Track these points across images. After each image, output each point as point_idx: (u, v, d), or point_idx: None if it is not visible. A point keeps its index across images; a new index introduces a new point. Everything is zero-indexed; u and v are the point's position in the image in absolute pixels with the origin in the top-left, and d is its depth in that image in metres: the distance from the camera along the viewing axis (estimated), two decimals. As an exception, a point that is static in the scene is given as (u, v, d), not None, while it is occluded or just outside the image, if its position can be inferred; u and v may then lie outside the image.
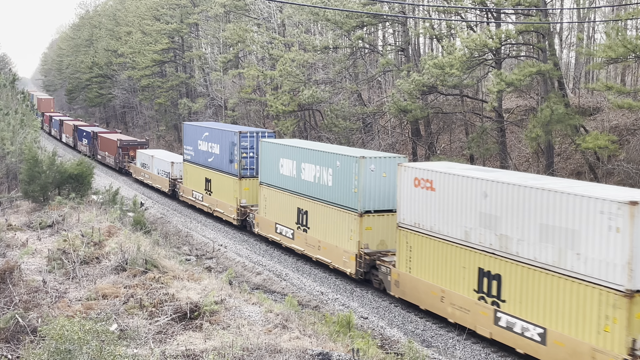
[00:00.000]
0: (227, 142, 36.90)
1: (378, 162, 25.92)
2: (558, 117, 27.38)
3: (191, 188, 42.79)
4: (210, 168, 39.38)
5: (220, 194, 38.54)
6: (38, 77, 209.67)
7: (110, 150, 62.71)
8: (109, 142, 63.53)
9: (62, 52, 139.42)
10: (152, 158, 51.04)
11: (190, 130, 43.18)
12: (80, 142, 76.93)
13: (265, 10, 55.70)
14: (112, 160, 62.40)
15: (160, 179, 49.36)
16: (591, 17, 41.62)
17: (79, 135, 77.37)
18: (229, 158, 36.77)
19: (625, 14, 30.26)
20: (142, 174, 53.61)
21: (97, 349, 13.29)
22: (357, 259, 26.31)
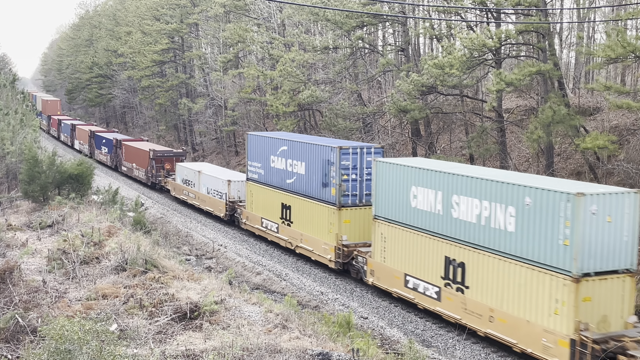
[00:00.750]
0: (320, 159, 29.01)
1: (601, 200, 17.77)
2: (560, 118, 27.36)
3: (259, 215, 34.64)
4: (290, 192, 31.58)
5: (306, 226, 30.52)
6: (38, 77, 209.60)
7: (140, 161, 54.47)
8: (139, 152, 55.06)
9: (62, 52, 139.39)
10: (200, 174, 42.57)
11: (258, 142, 35.04)
12: (98, 151, 68.77)
13: (265, 10, 55.69)
14: (143, 174, 54.08)
15: (213, 200, 40.73)
16: (591, 17, 41.61)
17: (97, 143, 69.24)
18: (321, 181, 28.97)
19: (625, 14, 30.24)
20: (185, 192, 45.21)
21: (97, 349, 13.30)
22: (572, 348, 17.64)
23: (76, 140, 79.03)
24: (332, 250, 28.36)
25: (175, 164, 49.04)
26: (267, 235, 34.18)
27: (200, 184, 42.63)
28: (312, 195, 29.75)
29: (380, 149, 29.03)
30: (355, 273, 27.75)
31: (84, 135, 74.50)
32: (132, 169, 57.17)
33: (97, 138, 69.08)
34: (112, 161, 63.25)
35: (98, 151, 68.82)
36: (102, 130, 74.24)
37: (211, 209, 41.08)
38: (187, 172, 45.18)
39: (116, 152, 61.96)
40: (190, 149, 72.19)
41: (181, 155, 52.36)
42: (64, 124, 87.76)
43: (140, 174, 55.05)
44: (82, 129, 76.79)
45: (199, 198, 42.80)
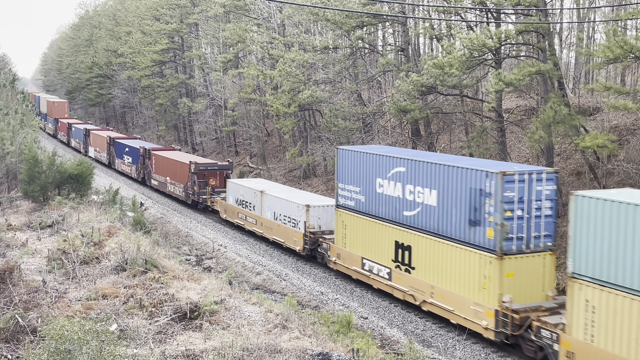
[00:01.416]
0: (464, 187, 21.52)
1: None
2: (561, 118, 27.37)
3: (358, 253, 27.06)
4: (411, 227, 24.08)
5: (439, 275, 22.86)
6: (38, 77, 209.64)
7: (177, 175, 47.06)
8: (175, 164, 47.40)
9: (62, 52, 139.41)
10: (263, 196, 34.92)
11: (356, 160, 27.23)
12: (119, 160, 60.98)
13: (265, 10, 55.69)
14: (180, 190, 46.23)
15: (283, 229, 32.99)
16: (591, 17, 41.62)
17: (119, 151, 61.15)
18: (467, 216, 21.48)
19: (625, 14, 30.25)
20: (242, 216, 37.47)
21: (97, 349, 13.30)
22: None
23: (91, 147, 71.10)
24: (489, 315, 20.61)
25: (226, 180, 42.20)
26: (371, 281, 26.48)
27: (263, 206, 35.06)
28: (450, 234, 22.22)
29: (555, 173, 21.30)
30: (535, 352, 19.61)
31: (101, 142, 66.74)
32: (166, 184, 49.22)
33: (119, 146, 61.21)
34: (138, 173, 55.51)
35: (119, 161, 61.10)
36: (123, 137, 66.51)
37: (281, 239, 33.30)
38: (243, 191, 37.35)
39: (144, 162, 54.08)
40: (190, 149, 72.18)
41: (227, 169, 44.72)
42: (75, 129, 79.11)
43: (176, 190, 47.09)
44: (98, 134, 68.86)
45: (263, 225, 35.06)
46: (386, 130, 43.32)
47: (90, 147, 71.10)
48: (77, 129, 77.58)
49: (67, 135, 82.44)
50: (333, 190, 45.57)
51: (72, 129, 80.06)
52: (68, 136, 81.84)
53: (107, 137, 64.44)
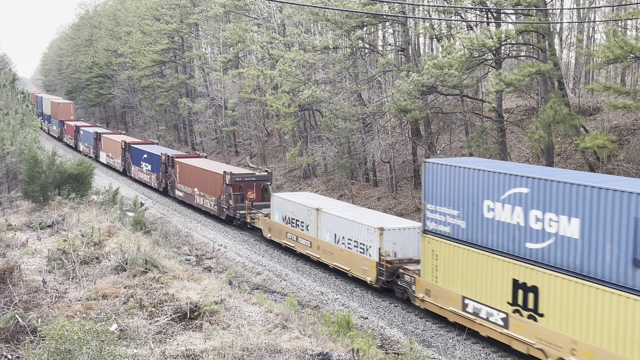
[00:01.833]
0: (623, 216, 16.92)
1: None
2: (561, 118, 27.38)
3: (459, 292, 22.14)
4: (537, 263, 19.25)
5: (579, 327, 18.00)
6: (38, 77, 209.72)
7: (207, 187, 41.94)
8: (206, 175, 42.26)
9: (62, 52, 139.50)
10: (320, 214, 30.08)
11: (451, 175, 22.44)
12: (137, 168, 55.98)
13: (265, 10, 55.70)
14: (212, 204, 41.15)
15: (349, 255, 27.96)
16: (591, 17, 41.63)
17: (135, 158, 56.10)
18: (629, 254, 16.81)
19: (625, 14, 30.26)
20: (292, 236, 32.55)
21: (97, 349, 13.29)
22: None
23: (102, 152, 66.21)
24: None
25: (263, 192, 38.85)
26: (477, 327, 21.46)
27: (320, 227, 30.17)
28: (601, 275, 17.37)
29: None
30: None
31: (115, 148, 61.86)
32: (193, 196, 44.25)
33: (136, 152, 56.24)
34: (159, 182, 50.47)
35: (136, 168, 56.01)
36: (140, 142, 61.30)
37: (345, 267, 28.27)
38: (293, 208, 32.38)
39: (166, 171, 49.05)
40: (190, 148, 72.20)
41: (266, 180, 39.58)
42: (83, 132, 73.93)
43: (207, 204, 41.99)
44: (111, 139, 63.86)
45: (320, 248, 30.12)
46: (386, 130, 43.33)
47: (101, 152, 66.43)
48: (87, 133, 72.62)
49: (74, 139, 77.66)
50: (334, 191, 45.70)
51: (81, 132, 74.98)
52: (76, 140, 76.95)
53: (121, 142, 59.18)
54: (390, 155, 42.15)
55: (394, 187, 42.07)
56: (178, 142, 78.98)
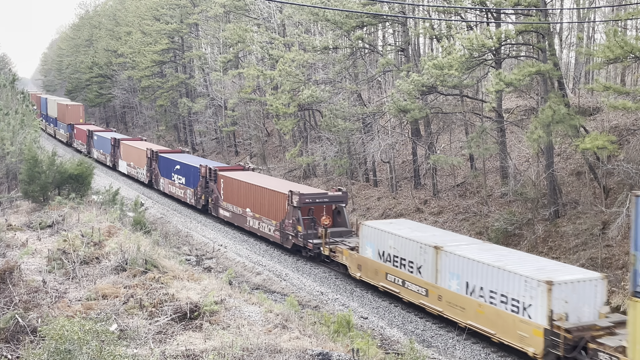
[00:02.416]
0: None
1: None
2: (560, 118, 27.37)
3: None
4: None
5: None
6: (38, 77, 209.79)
7: (265, 208, 35.17)
8: (263, 194, 35.53)
9: (62, 52, 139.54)
10: (440, 254, 23.41)
11: None
12: (167, 180, 48.93)
13: (265, 10, 55.69)
14: (272, 228, 34.35)
15: (494, 314, 21.21)
16: (591, 17, 41.61)
17: (165, 169, 49.47)
18: None
19: (625, 14, 30.24)
20: (395, 279, 25.55)
21: (97, 349, 13.29)
22: None
23: (121, 160, 59.56)
24: None
25: (335, 215, 32.77)
26: None
27: (441, 270, 23.30)
28: None
29: None
30: None
31: (138, 156, 55.01)
32: (245, 217, 37.18)
33: (165, 162, 49.44)
34: (197, 199, 43.72)
35: (166, 181, 49.18)
36: (168, 151, 54.44)
37: (487, 328, 21.45)
38: (395, 242, 25.44)
39: (206, 186, 42.50)
40: (190, 148, 72.22)
41: (340, 201, 32.92)
42: (98, 138, 67.21)
43: (265, 228, 35.20)
44: (133, 147, 56.72)
45: (443, 299, 23.28)
46: (386, 130, 43.33)
47: (120, 161, 59.81)
48: (102, 138, 65.75)
49: (86, 145, 70.82)
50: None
51: (94, 137, 68.34)
52: (88, 146, 70.15)
53: (147, 151, 52.24)
54: (390, 155, 42.14)
55: (394, 187, 42.07)
56: (178, 142, 79.00)
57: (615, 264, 26.08)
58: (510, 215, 31.82)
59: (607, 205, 28.96)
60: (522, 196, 32.14)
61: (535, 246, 29.67)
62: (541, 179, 32.67)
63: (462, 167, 39.98)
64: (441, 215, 36.62)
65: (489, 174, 37.87)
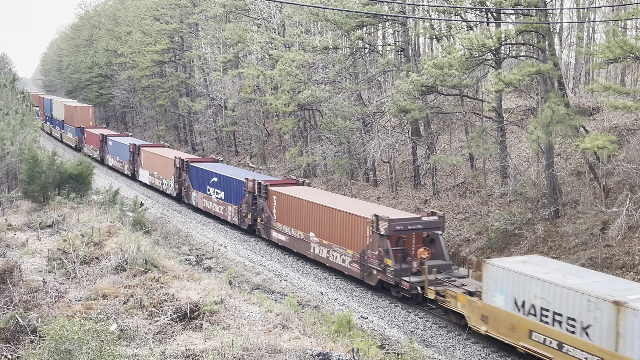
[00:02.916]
0: None
1: None
2: (559, 118, 27.36)
3: None
4: None
5: None
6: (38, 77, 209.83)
7: (338, 234, 29.12)
8: (335, 216, 29.39)
9: (62, 52, 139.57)
10: (626, 313, 16.95)
11: None
12: (201, 194, 42.52)
13: (265, 10, 55.71)
14: (349, 260, 28.21)
15: None
16: (591, 17, 41.62)
17: (199, 181, 43.02)
18: None
19: (625, 14, 30.24)
20: (544, 339, 19.31)
21: (97, 349, 13.30)
22: None
23: (142, 169, 53.95)
24: None
25: (432, 243, 26.98)
26: None
27: (626, 334, 17.08)
28: None
29: None
30: None
31: (164, 166, 48.97)
32: (309, 244, 31.19)
33: (198, 173, 43.04)
34: (241, 217, 37.45)
35: (200, 194, 42.61)
36: (200, 160, 47.98)
37: None
38: (544, 290, 19.39)
39: (254, 203, 36.00)
40: (190, 149, 72.21)
41: (436, 227, 27.19)
42: (113, 143, 61.50)
43: (338, 259, 29.03)
44: (158, 154, 50.49)
45: None
46: (386, 130, 43.33)
47: (141, 170, 54.25)
48: (118, 144, 60.05)
49: (99, 151, 65.56)
50: (334, 191, 45.68)
51: (109, 142, 62.74)
52: (102, 152, 65.04)
53: (175, 160, 46.00)
54: (390, 155, 42.15)
55: (394, 187, 42.07)
56: (178, 142, 79.01)
57: (615, 264, 26.08)
58: (510, 215, 31.82)
59: (607, 205, 28.96)
60: (522, 196, 32.14)
61: (535, 246, 29.66)
62: (541, 178, 32.67)
63: (462, 167, 39.99)
64: (441, 215, 36.59)
65: (489, 174, 37.87)
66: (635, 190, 27.77)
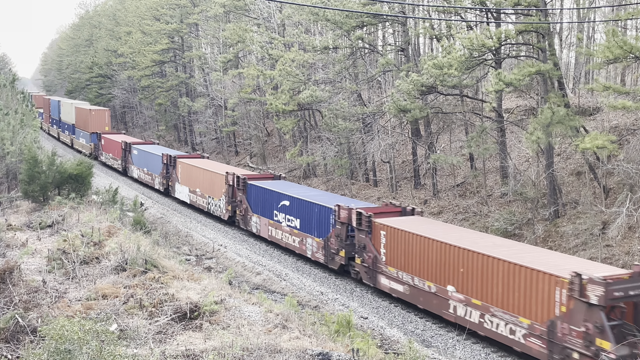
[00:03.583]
0: None
1: None
2: (559, 118, 27.37)
3: None
4: None
5: None
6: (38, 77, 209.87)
7: (498, 292, 20.43)
8: (498, 267, 20.25)
9: (62, 52, 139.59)
10: None
11: None
12: (266, 220, 34.80)
13: (265, 10, 55.71)
14: (523, 334, 19.48)
15: None
16: (591, 17, 41.63)
17: (261, 202, 35.26)
18: None
19: (625, 14, 30.24)
20: None
21: (97, 349, 13.29)
22: None
23: (179, 184, 45.44)
24: None
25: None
26: None
27: None
28: None
29: None
30: None
31: (212, 183, 40.82)
32: (446, 301, 22.74)
33: (261, 194, 35.40)
34: (329, 254, 29.26)
35: (263, 220, 35.06)
36: (258, 176, 39.05)
37: None
38: None
39: (347, 237, 28.23)
40: (190, 148, 72.21)
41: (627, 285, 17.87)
42: (139, 152, 53.44)
43: (505, 328, 20.30)
44: (203, 169, 42.15)
45: None
46: (386, 130, 43.33)
47: (177, 185, 45.79)
48: (147, 154, 51.62)
49: (121, 160, 57.75)
50: (334, 191, 45.69)
51: (133, 151, 54.68)
52: (124, 161, 57.11)
53: (229, 176, 38.11)
54: (390, 155, 42.16)
55: (394, 187, 42.07)
56: (178, 142, 79.03)
57: (615, 264, 26.08)
58: (510, 215, 31.83)
59: (607, 205, 28.96)
60: (522, 196, 32.15)
61: (535, 246, 29.64)
62: (541, 178, 32.68)
63: (462, 167, 39.99)
64: (441, 215, 36.62)
65: (489, 174, 37.87)
66: (635, 190, 27.77)
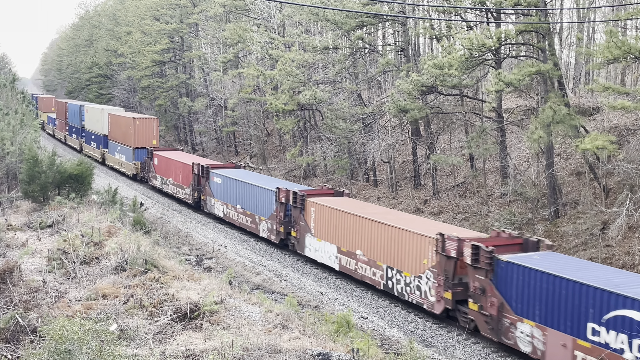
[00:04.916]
0: None
1: None
2: (560, 118, 27.36)
3: None
4: None
5: None
6: (38, 77, 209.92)
7: None
8: None
9: (62, 52, 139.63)
10: None
11: None
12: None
13: (265, 10, 55.70)
14: None
15: None
16: (591, 17, 41.63)
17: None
18: None
19: (625, 14, 30.24)
20: None
21: (97, 349, 13.29)
22: None
23: (311, 235, 30.11)
24: None
25: None
26: None
27: None
28: None
29: None
30: None
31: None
32: None
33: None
34: None
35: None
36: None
37: None
38: None
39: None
40: (191, 149, 72.20)
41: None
42: (225, 181, 38.24)
43: None
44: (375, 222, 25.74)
45: None
46: (386, 130, 43.32)
47: (309, 238, 30.18)
48: (244, 186, 35.97)
49: (192, 189, 42.75)
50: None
51: (214, 178, 39.78)
52: (198, 192, 42.00)
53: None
54: (390, 155, 42.15)
55: (394, 187, 42.07)
56: (178, 142, 79.02)
57: (615, 264, 26.08)
58: (510, 215, 31.82)
59: (607, 205, 28.96)
60: (522, 196, 32.14)
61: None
62: (541, 179, 32.67)
63: (462, 167, 39.98)
64: (441, 215, 36.62)
65: (489, 174, 37.87)
66: (635, 190, 27.77)
